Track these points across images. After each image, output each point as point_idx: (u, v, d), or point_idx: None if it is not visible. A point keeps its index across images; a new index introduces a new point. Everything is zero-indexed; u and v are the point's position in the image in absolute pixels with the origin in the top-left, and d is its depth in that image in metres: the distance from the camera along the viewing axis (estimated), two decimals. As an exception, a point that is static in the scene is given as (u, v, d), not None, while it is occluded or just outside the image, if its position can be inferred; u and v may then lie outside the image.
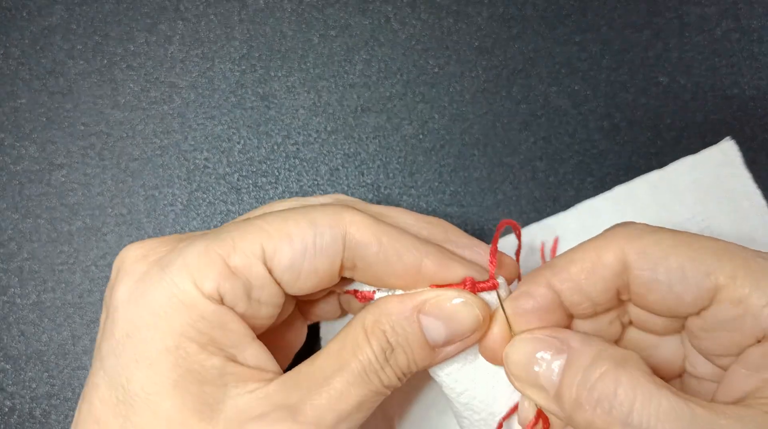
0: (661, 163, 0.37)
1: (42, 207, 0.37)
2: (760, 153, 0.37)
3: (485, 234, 0.37)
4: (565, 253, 0.26)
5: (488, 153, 0.38)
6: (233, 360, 0.25)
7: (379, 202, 0.37)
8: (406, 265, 0.26)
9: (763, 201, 0.34)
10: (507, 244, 0.35)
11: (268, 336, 0.30)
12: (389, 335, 0.25)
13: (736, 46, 0.38)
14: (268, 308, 0.26)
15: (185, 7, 0.39)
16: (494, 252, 0.27)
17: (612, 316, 0.27)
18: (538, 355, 0.24)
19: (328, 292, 0.31)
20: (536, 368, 0.24)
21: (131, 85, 0.39)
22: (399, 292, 0.27)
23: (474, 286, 0.26)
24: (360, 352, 0.25)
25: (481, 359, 0.28)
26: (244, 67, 0.39)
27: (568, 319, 0.27)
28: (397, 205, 0.37)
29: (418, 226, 0.28)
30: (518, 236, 0.30)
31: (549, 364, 0.24)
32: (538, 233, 0.36)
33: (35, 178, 0.38)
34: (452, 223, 0.37)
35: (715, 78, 0.38)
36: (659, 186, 0.35)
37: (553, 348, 0.24)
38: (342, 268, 0.27)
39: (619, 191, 0.36)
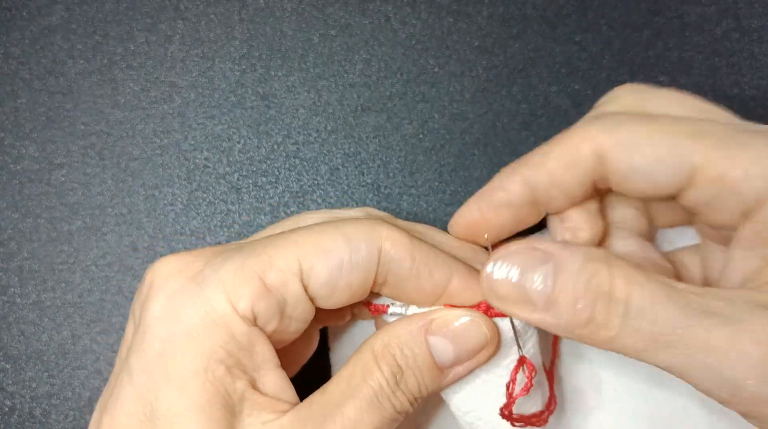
0: (662, 163, 0.37)
1: (42, 206, 0.37)
2: (760, 152, 0.37)
3: (485, 233, 0.37)
4: (540, 148, 0.26)
5: (488, 152, 0.38)
6: (253, 385, 0.25)
7: (379, 202, 0.38)
8: (435, 282, 0.26)
9: None
10: None
11: (285, 346, 0.30)
12: (399, 358, 0.25)
13: (737, 46, 0.38)
14: (297, 324, 0.26)
15: (185, 6, 0.39)
16: None
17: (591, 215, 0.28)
18: (523, 269, 0.24)
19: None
20: (524, 283, 0.24)
21: (131, 84, 0.39)
22: (413, 308, 0.27)
23: (488, 310, 0.26)
24: (370, 377, 0.25)
25: (489, 382, 0.28)
26: (244, 67, 0.39)
27: (537, 216, 0.27)
28: (398, 205, 0.37)
29: (447, 244, 0.28)
30: None
31: (535, 276, 0.24)
32: None
33: (35, 178, 0.38)
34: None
35: (716, 78, 0.38)
36: None
37: (536, 259, 0.24)
38: (374, 283, 0.26)
39: None
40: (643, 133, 0.25)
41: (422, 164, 0.38)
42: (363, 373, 0.25)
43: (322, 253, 0.25)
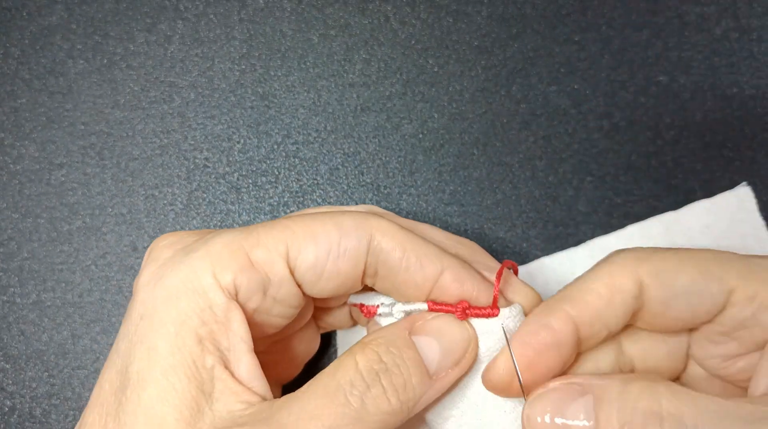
0: (661, 163, 0.37)
1: (42, 206, 0.38)
2: (759, 152, 0.37)
3: (485, 233, 0.37)
4: (576, 282, 0.26)
5: (488, 152, 0.38)
6: (226, 365, 0.24)
7: (378, 202, 0.38)
8: (426, 275, 0.26)
9: None
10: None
11: (283, 344, 0.30)
12: (383, 354, 0.24)
13: (736, 46, 0.38)
14: (282, 308, 0.26)
15: (185, 6, 0.39)
16: (498, 281, 0.27)
17: (610, 352, 0.27)
18: (564, 405, 0.23)
19: (342, 303, 0.31)
20: (565, 420, 0.23)
21: (131, 84, 0.39)
22: (399, 305, 0.27)
23: (467, 310, 0.26)
24: (341, 374, 0.24)
25: (483, 419, 0.27)
26: (243, 67, 0.39)
27: (573, 358, 0.26)
28: (397, 205, 0.37)
29: (446, 244, 0.28)
30: (516, 274, 0.29)
31: (577, 410, 0.23)
32: (548, 266, 0.36)
33: (35, 178, 0.38)
34: (452, 222, 0.37)
35: (715, 77, 0.38)
36: (672, 227, 0.35)
37: (575, 393, 0.23)
38: (365, 274, 0.27)
39: (632, 230, 0.36)
40: (676, 261, 0.25)
41: (422, 164, 0.38)
42: (333, 370, 0.24)
43: (310, 237, 0.25)
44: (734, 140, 0.37)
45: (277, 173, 0.38)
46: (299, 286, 0.26)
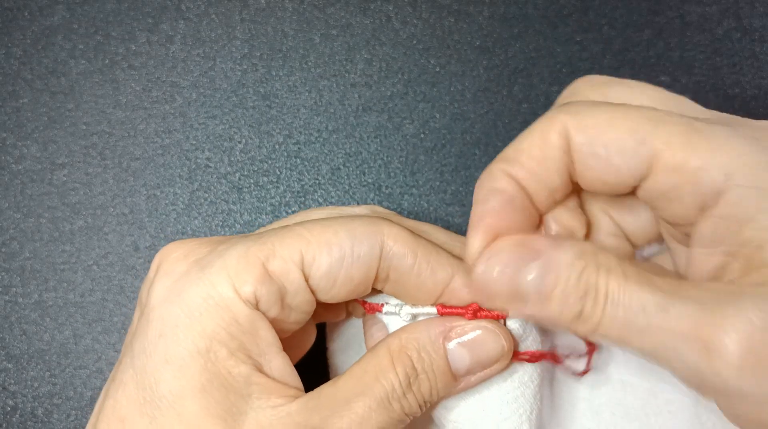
0: (663, 163, 0.37)
1: (44, 206, 0.38)
2: (761, 152, 0.37)
3: (486, 233, 0.37)
4: (512, 143, 0.25)
5: (489, 152, 0.38)
6: (260, 369, 0.25)
7: (380, 202, 0.38)
8: (437, 281, 0.26)
9: None
10: None
11: (284, 340, 0.31)
12: (415, 360, 0.25)
13: (738, 46, 0.38)
14: (297, 314, 0.27)
15: (187, 6, 0.39)
16: None
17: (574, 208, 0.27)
18: (515, 266, 0.23)
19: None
20: (516, 280, 0.23)
21: (133, 84, 0.39)
22: (407, 308, 0.27)
23: (478, 312, 0.26)
24: (383, 376, 0.25)
25: (487, 410, 0.27)
26: (245, 67, 0.39)
27: (537, 217, 0.26)
28: (399, 205, 0.37)
29: (451, 244, 0.28)
30: None
31: (527, 273, 0.23)
32: None
33: (37, 178, 0.38)
34: (454, 222, 0.37)
35: (717, 77, 0.38)
36: None
37: (527, 256, 0.23)
38: (376, 279, 0.27)
39: None
40: (605, 117, 0.23)
41: (423, 164, 0.38)
42: (376, 371, 0.25)
43: (324, 245, 0.26)
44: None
45: (278, 173, 0.38)
46: (312, 292, 0.26)
